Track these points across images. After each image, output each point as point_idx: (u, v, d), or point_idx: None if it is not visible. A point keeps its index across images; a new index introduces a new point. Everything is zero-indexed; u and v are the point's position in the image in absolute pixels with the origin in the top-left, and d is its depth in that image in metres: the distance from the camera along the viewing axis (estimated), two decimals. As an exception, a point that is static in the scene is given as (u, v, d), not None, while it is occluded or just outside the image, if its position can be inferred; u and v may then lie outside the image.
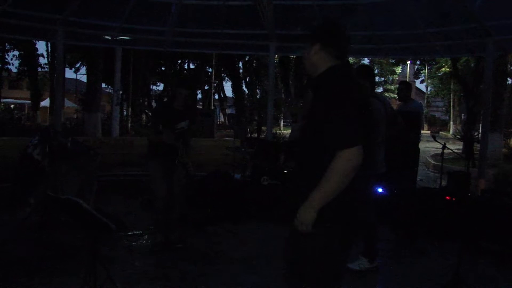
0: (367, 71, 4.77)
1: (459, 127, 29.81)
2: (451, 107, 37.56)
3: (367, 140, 2.50)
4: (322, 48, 2.50)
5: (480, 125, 11.21)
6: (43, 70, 30.58)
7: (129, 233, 5.61)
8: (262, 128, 10.04)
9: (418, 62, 41.12)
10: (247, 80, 34.47)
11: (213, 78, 32.28)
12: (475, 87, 17.47)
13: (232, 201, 6.73)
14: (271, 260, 4.90)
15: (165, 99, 28.93)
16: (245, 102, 30.64)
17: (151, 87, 36.66)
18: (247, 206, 6.75)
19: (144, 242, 5.40)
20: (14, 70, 27.00)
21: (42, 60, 28.33)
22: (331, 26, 2.59)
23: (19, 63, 26.62)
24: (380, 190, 5.43)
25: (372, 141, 2.64)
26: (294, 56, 23.93)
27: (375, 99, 4.65)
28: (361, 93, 2.64)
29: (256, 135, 9.08)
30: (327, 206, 2.34)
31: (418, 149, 7.32)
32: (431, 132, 9.25)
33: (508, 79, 18.56)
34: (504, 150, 15.12)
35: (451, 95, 36.86)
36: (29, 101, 30.23)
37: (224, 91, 42.17)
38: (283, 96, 27.66)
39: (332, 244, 2.44)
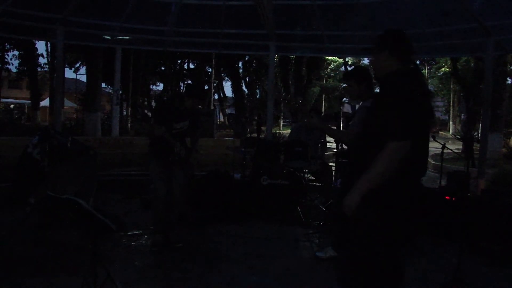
0: (361, 73, 4.73)
1: (458, 127, 29.85)
2: (451, 107, 37.61)
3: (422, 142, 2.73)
4: (390, 54, 2.82)
5: (480, 125, 11.21)
6: (43, 70, 30.59)
7: (129, 233, 5.61)
8: (262, 128, 10.01)
9: (418, 62, 41.12)
10: (247, 80, 34.50)
11: (213, 77, 32.28)
12: (475, 87, 17.48)
13: (232, 201, 6.74)
14: (271, 260, 4.90)
15: (165, 98, 28.88)
16: (245, 102, 30.69)
17: (151, 86, 36.74)
18: (247, 206, 6.76)
19: (144, 242, 5.39)
20: (14, 70, 26.97)
21: (42, 60, 28.33)
22: (396, 34, 2.89)
23: (18, 63, 26.61)
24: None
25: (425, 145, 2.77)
26: (294, 56, 23.95)
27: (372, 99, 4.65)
28: (424, 95, 2.80)
29: (256, 135, 9.04)
30: (374, 193, 2.56)
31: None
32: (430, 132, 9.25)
33: (508, 79, 18.57)
34: (503, 150, 15.13)
35: (451, 95, 36.92)
36: (29, 101, 30.20)
37: (224, 91, 42.24)
38: (283, 93, 27.66)
39: (379, 229, 2.64)
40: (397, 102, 2.59)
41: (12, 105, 34.72)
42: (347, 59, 37.53)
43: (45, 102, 31.22)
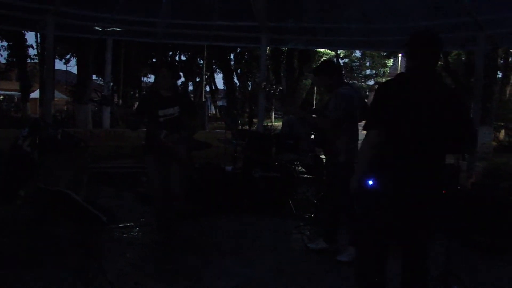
0: (331, 67, 5.02)
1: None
2: (442, 100, 37.72)
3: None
4: (406, 55, 3.15)
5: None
6: (32, 61, 30.26)
7: (121, 225, 5.59)
8: (254, 120, 10.01)
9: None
10: (239, 72, 34.38)
11: (204, 70, 32.16)
12: (465, 81, 17.57)
13: (224, 194, 6.72)
14: (264, 252, 4.92)
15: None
16: (236, 94, 30.61)
17: (142, 78, 36.54)
18: (238, 198, 6.75)
19: (136, 234, 5.39)
20: (2, 61, 26.68)
21: (32, 51, 27.92)
22: (415, 36, 3.15)
23: (7, 54, 26.29)
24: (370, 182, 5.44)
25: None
26: (286, 49, 23.88)
27: (349, 87, 4.84)
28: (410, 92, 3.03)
29: (247, 127, 9.04)
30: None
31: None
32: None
33: (498, 72, 18.68)
34: (493, 143, 15.25)
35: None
36: (19, 93, 29.90)
37: (215, 83, 42.03)
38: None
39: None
40: (374, 97, 3.07)
41: (1, 97, 34.35)
42: (339, 52, 37.51)
43: (35, 94, 30.90)
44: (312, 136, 6.39)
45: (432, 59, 3.10)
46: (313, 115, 5.18)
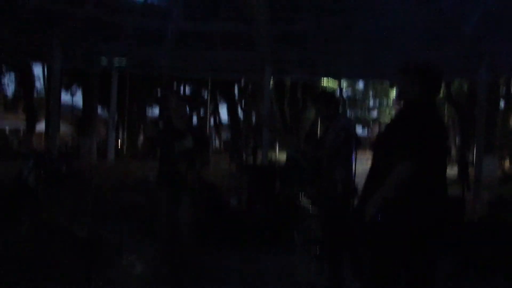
0: (330, 96, 5.10)
1: (453, 150, 29.90)
2: (446, 130, 37.70)
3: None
4: (419, 82, 3.04)
5: (475, 148, 11.24)
6: (38, 94, 30.62)
7: (124, 259, 5.54)
8: (258, 152, 10.02)
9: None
10: (243, 104, 34.59)
11: (208, 102, 32.35)
12: (468, 110, 17.60)
13: (227, 227, 6.66)
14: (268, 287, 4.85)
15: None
16: (241, 126, 30.70)
17: (146, 110, 36.76)
18: (242, 231, 6.69)
19: (139, 268, 5.33)
20: (9, 93, 27.01)
21: (38, 84, 28.32)
22: (428, 67, 3.14)
23: (14, 87, 26.64)
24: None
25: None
26: (290, 80, 24.08)
27: (346, 118, 4.90)
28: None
29: (251, 159, 9.03)
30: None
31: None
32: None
33: (501, 102, 18.74)
34: (498, 173, 15.16)
35: (445, 118, 37.09)
36: (25, 125, 30.14)
37: (219, 115, 42.22)
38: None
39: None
40: (422, 127, 2.90)
41: (7, 130, 34.60)
42: (342, 83, 37.75)
43: (41, 126, 31.14)
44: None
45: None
46: (311, 147, 5.18)
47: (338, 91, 38.89)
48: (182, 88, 34.65)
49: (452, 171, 12.64)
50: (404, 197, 2.86)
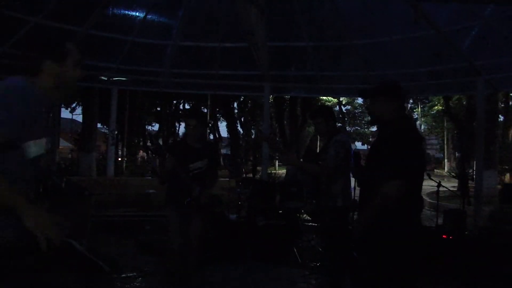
0: (328, 112, 5.01)
1: (453, 165, 29.93)
2: (445, 145, 37.80)
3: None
4: (390, 100, 3.13)
5: (474, 162, 11.25)
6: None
7: (123, 275, 5.51)
8: (258, 168, 10.05)
9: (411, 101, 41.65)
10: (242, 120, 34.67)
11: (208, 118, 32.41)
12: (468, 125, 17.64)
13: (228, 242, 6.65)
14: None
15: (160, 138, 28.79)
16: (240, 142, 30.74)
17: (146, 127, 36.84)
18: (243, 246, 6.67)
19: (138, 284, 5.30)
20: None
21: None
22: (395, 84, 3.28)
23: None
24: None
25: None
26: (289, 96, 24.18)
27: (343, 134, 5.02)
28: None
29: (251, 175, 9.03)
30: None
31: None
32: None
33: (500, 116, 18.78)
34: (499, 187, 15.12)
35: (445, 133, 37.20)
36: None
37: (219, 131, 42.30)
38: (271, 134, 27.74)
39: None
40: (404, 145, 2.95)
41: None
42: (341, 99, 37.93)
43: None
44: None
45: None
46: (310, 163, 5.17)
47: (337, 106, 39.17)
48: (181, 104, 34.78)
49: (452, 184, 12.70)
50: (388, 214, 2.90)
